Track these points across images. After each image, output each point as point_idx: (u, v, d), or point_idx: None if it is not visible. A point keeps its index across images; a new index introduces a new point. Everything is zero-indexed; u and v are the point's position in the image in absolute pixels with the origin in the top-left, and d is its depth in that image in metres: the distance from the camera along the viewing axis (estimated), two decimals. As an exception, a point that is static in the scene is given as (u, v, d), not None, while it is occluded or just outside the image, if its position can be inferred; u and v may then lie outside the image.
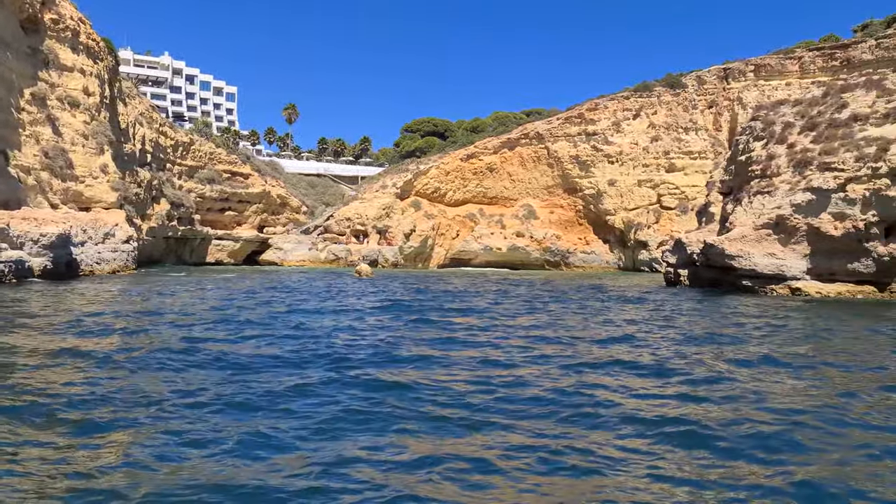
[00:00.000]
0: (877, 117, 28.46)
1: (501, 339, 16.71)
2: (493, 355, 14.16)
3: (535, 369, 12.69)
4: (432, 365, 12.99)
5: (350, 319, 20.10)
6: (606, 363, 13.26)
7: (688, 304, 26.00)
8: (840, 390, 10.99)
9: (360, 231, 74.10)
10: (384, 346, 14.99)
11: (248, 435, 7.88)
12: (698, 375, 12.10)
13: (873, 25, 67.97)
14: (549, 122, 79.63)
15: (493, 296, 30.39)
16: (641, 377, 12.07)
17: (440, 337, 16.69)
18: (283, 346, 14.86)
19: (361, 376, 11.51)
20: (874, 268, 27.83)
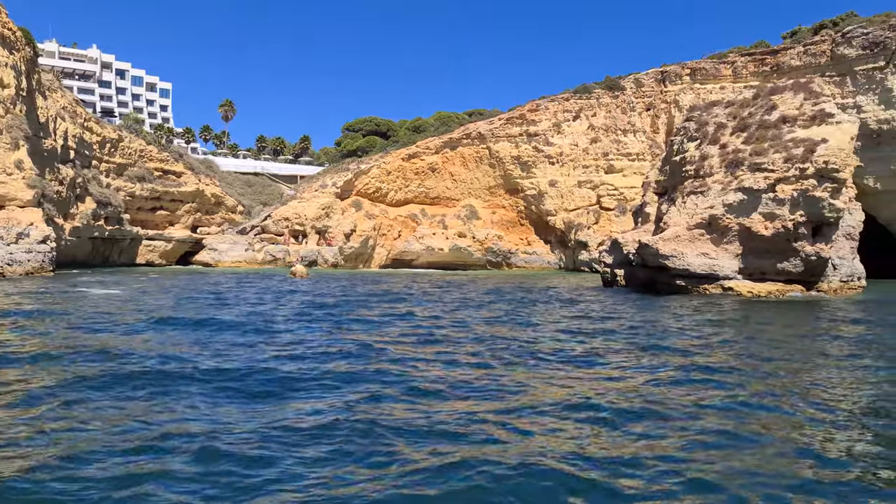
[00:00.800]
0: (804, 119, 28.97)
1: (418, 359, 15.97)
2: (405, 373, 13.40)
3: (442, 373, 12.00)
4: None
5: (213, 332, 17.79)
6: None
7: (611, 303, 25.97)
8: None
9: (298, 231, 72.40)
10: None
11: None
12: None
13: (801, 32, 70.14)
14: (490, 122, 79.60)
15: (425, 298, 29.68)
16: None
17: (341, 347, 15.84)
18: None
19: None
20: (802, 267, 28.29)
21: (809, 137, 27.93)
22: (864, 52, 61.32)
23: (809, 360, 13.97)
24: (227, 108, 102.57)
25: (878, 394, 10.93)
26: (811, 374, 12.50)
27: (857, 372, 12.88)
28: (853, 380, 12.11)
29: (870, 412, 9.73)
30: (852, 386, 11.58)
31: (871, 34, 61.15)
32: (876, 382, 11.86)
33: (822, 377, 12.25)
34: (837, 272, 30.46)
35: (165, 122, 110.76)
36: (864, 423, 9.15)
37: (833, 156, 26.93)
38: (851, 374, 12.69)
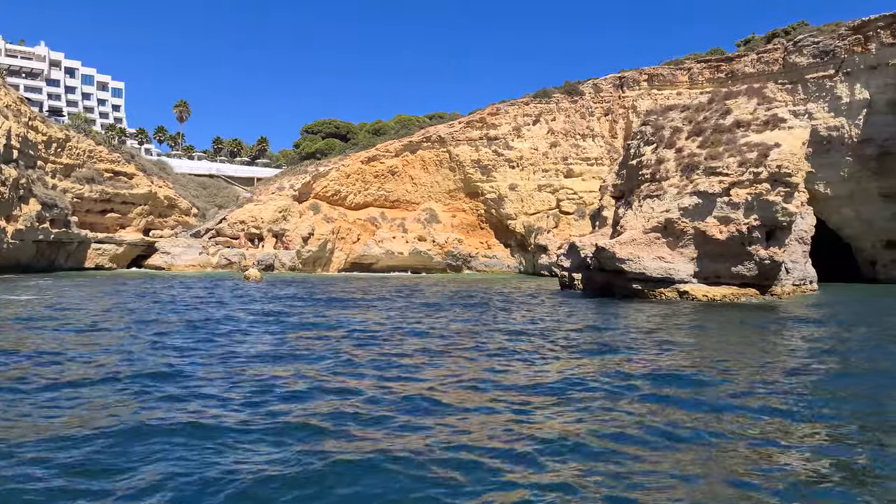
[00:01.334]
0: (758, 124, 29.21)
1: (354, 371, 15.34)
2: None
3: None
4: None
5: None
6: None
7: (563, 307, 25.75)
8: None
9: (254, 234, 70.91)
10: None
11: None
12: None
13: (755, 40, 71.57)
14: (451, 125, 79.31)
15: (380, 302, 29.04)
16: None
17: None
18: None
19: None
20: (756, 271, 28.46)
21: (763, 142, 28.14)
22: (815, 60, 62.75)
23: (754, 363, 13.77)
24: (182, 108, 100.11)
25: (829, 398, 10.72)
26: (756, 378, 12.26)
27: (808, 378, 12.69)
28: (802, 385, 11.90)
29: (820, 416, 9.49)
30: (802, 391, 11.36)
31: (822, 43, 62.61)
32: (823, 386, 11.68)
33: (766, 380, 12.02)
34: (790, 276, 30.79)
35: (118, 122, 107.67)
36: (814, 428, 8.89)
37: (786, 160, 27.17)
38: (799, 379, 12.49)
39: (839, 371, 13.51)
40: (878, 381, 12.45)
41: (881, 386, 11.94)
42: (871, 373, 13.25)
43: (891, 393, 11.41)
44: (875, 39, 59.15)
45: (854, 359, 15.07)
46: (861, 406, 10.37)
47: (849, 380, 12.57)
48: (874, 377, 12.77)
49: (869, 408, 10.28)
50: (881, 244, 58.91)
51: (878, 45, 58.85)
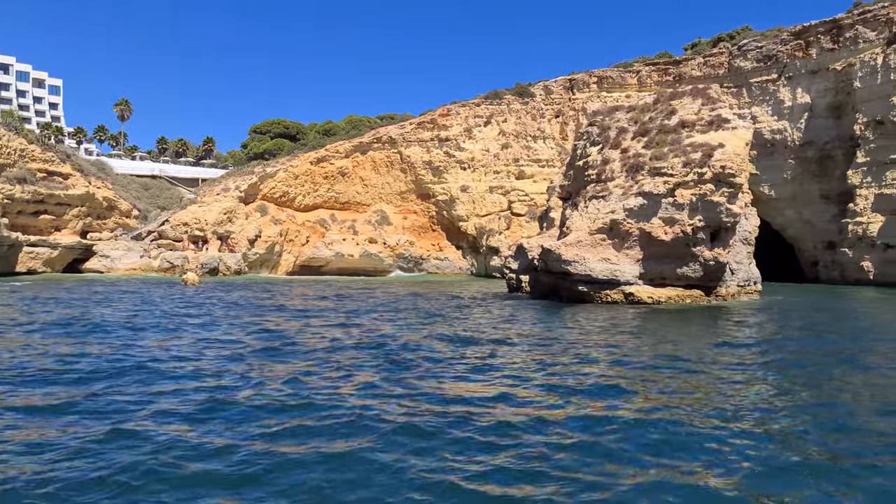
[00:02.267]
0: (702, 124, 29.12)
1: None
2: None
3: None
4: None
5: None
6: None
7: (503, 310, 25.15)
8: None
9: (198, 237, 68.63)
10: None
11: None
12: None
13: (701, 44, 72.64)
14: (402, 126, 78.35)
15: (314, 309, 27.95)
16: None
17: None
18: None
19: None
20: (701, 272, 28.32)
21: (707, 142, 28.04)
22: (759, 64, 63.91)
23: (687, 368, 13.27)
24: (123, 107, 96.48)
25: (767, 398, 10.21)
26: (688, 382, 11.73)
27: (753, 386, 12.21)
28: (746, 390, 11.40)
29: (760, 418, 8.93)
30: (743, 394, 10.84)
31: (765, 48, 63.82)
32: (767, 387, 11.20)
33: (702, 384, 11.49)
34: (735, 277, 30.80)
35: (55, 120, 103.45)
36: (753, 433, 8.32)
37: (730, 161, 27.10)
38: (744, 387, 12.00)
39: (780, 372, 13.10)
40: (822, 390, 12.04)
41: (826, 400, 11.51)
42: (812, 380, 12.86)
43: (845, 405, 10.97)
44: (815, 45, 60.55)
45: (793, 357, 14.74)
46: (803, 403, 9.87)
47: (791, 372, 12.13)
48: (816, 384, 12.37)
49: (816, 409, 9.79)
50: (822, 245, 60.23)
51: (818, 50, 60.25)
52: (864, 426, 9.15)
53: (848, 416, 9.73)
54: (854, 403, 10.61)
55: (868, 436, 8.67)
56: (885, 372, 13.44)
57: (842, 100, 58.59)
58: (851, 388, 11.81)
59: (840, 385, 12.05)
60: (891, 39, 55.21)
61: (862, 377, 12.85)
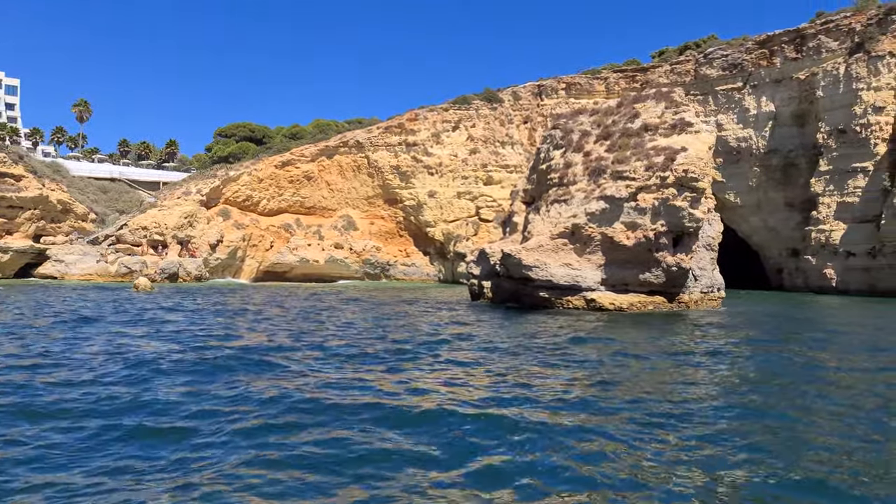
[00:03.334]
0: (665, 128, 28.67)
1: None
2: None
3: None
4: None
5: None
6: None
7: (460, 317, 24.34)
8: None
9: (158, 241, 66.72)
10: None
11: None
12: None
13: (668, 52, 72.96)
14: (369, 130, 77.34)
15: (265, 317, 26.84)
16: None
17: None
18: None
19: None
20: (664, 278, 27.78)
21: (670, 146, 27.56)
22: (724, 72, 64.24)
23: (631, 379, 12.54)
24: (83, 108, 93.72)
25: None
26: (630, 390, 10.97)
27: (709, 401, 11.50)
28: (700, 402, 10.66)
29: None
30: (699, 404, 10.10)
31: (730, 56, 64.18)
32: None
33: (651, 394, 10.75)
34: (698, 283, 30.34)
35: (12, 121, 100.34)
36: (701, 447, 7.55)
37: (692, 165, 26.62)
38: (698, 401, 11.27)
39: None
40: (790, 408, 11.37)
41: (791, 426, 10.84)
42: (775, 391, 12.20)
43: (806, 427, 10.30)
44: (779, 54, 61.03)
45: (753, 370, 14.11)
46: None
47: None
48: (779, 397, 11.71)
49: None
50: (786, 252, 60.54)
51: (782, 59, 60.71)
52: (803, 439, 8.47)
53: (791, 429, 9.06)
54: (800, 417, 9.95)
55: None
56: (829, 382, 12.87)
57: (805, 108, 59.04)
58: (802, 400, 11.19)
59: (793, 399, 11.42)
60: (853, 49, 55.78)
61: (807, 386, 12.27)
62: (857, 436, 8.67)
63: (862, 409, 10.21)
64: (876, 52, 53.72)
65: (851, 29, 56.61)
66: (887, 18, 54.53)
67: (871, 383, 12.57)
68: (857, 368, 14.46)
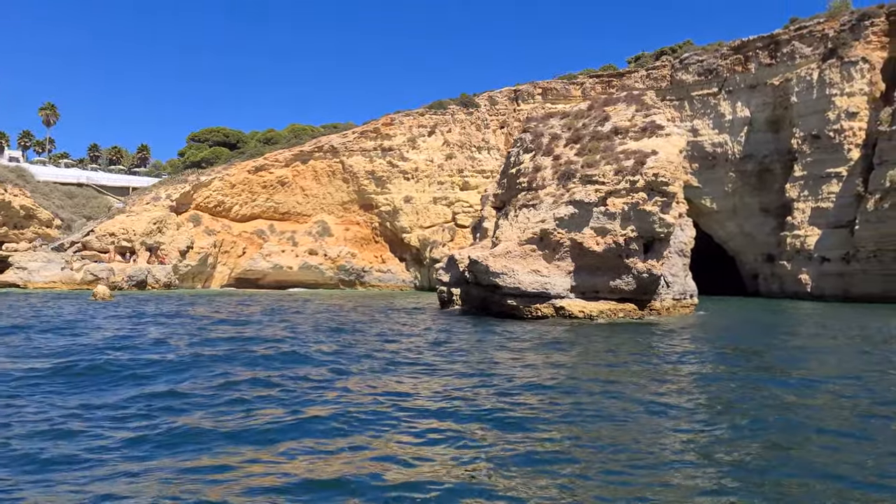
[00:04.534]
0: (635, 131, 28.04)
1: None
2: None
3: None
4: None
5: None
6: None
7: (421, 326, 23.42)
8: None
9: (126, 248, 65.06)
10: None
11: None
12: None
13: (644, 57, 72.80)
14: (344, 135, 76.32)
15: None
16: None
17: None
18: None
19: None
20: (635, 285, 27.09)
21: (640, 149, 26.91)
22: (700, 78, 64.11)
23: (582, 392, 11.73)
24: (49, 112, 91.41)
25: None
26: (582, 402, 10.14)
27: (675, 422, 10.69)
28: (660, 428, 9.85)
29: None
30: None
31: (706, 62, 64.08)
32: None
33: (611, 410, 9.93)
34: (670, 290, 29.70)
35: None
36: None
37: (662, 168, 25.97)
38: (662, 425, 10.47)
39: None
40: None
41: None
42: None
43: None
44: (754, 59, 60.98)
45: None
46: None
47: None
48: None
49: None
50: (762, 258, 60.38)
51: (756, 65, 60.67)
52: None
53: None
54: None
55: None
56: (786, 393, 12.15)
57: (780, 114, 59.00)
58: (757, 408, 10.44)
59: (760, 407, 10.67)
60: (826, 55, 55.83)
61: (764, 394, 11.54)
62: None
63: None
64: (849, 58, 53.80)
65: (825, 35, 56.68)
66: (860, 24, 54.66)
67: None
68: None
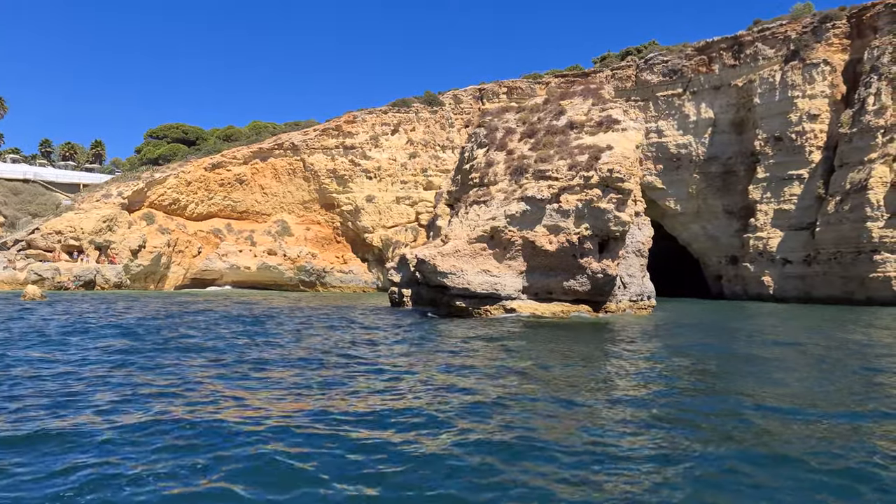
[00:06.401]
0: (591, 125, 26.93)
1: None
2: None
3: None
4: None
5: None
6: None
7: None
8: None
9: (73, 247, 62.44)
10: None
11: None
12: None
13: (610, 58, 72.23)
14: (305, 133, 74.46)
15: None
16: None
17: None
18: None
19: None
20: (589, 285, 25.94)
21: (595, 144, 25.79)
22: (665, 78, 63.61)
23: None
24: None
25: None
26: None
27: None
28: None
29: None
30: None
31: (670, 62, 63.62)
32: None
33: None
34: (627, 291, 28.66)
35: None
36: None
37: (618, 164, 24.86)
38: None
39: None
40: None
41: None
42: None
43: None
44: (718, 61, 60.66)
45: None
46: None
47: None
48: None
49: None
50: (726, 260, 60.02)
51: (720, 66, 60.34)
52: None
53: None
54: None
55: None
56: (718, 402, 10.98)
57: (743, 116, 58.71)
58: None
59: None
60: (788, 57, 55.65)
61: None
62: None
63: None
64: (811, 60, 53.66)
65: (787, 37, 56.52)
66: (822, 26, 54.58)
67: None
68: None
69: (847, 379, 13.21)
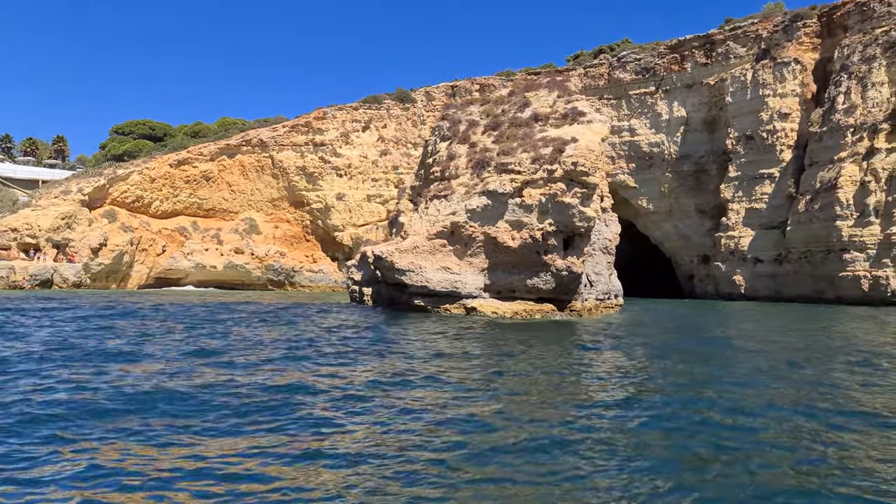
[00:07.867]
0: (556, 117, 26.06)
1: None
2: None
3: None
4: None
5: None
6: None
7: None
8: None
9: (30, 245, 60.32)
10: None
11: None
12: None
13: (583, 56, 71.71)
14: (274, 129, 72.88)
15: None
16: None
17: None
18: None
19: None
20: (553, 283, 25.04)
21: (560, 136, 24.91)
22: (637, 77, 63.15)
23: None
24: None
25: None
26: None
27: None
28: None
29: None
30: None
31: (643, 60, 63.16)
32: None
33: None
34: (594, 289, 27.82)
35: None
36: None
37: (582, 157, 23.98)
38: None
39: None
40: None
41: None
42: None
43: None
44: (690, 59, 60.32)
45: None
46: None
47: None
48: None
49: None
50: (698, 259, 59.69)
51: (692, 64, 60.01)
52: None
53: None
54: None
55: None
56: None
57: (715, 114, 58.44)
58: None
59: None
60: (759, 56, 55.46)
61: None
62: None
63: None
64: (781, 59, 53.48)
65: (759, 35, 56.33)
66: (792, 25, 54.46)
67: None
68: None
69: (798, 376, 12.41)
